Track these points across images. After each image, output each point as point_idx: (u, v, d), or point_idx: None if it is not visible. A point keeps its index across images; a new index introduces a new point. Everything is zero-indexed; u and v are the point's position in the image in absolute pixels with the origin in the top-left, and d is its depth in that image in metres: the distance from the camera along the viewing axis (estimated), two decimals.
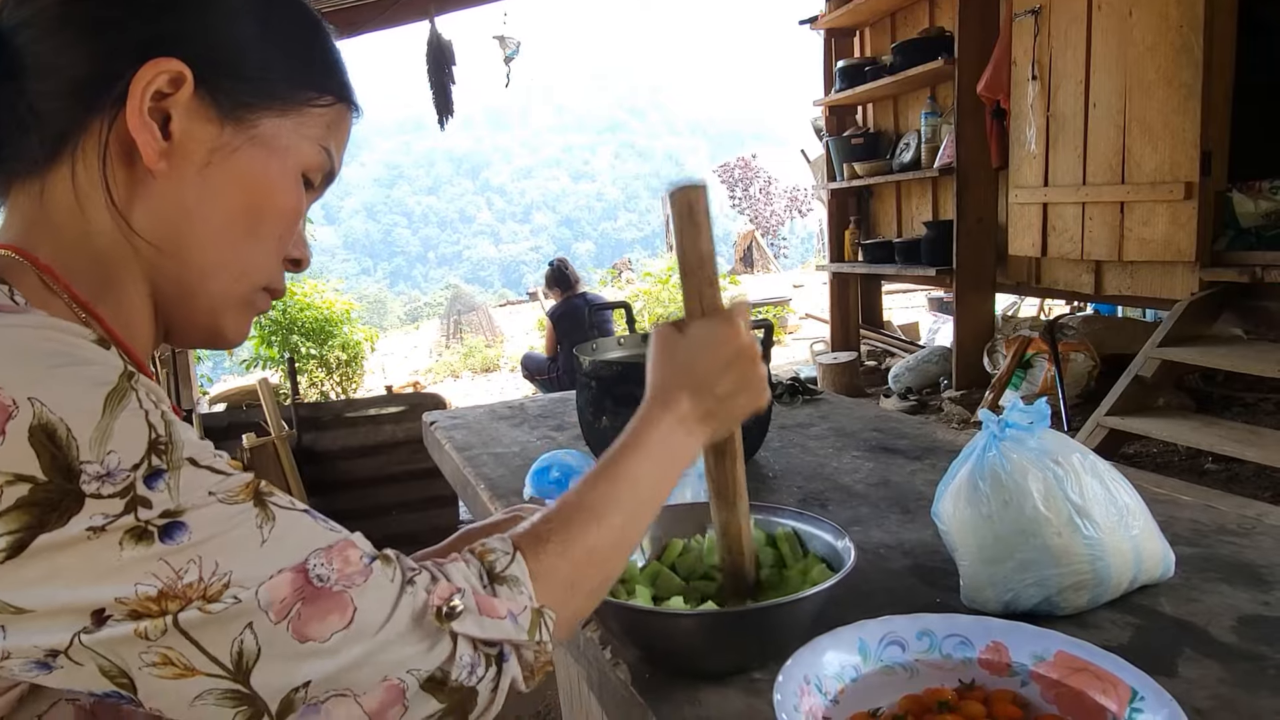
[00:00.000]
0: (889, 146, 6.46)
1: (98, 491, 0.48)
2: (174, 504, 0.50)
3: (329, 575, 0.53)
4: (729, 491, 0.84)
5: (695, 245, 0.79)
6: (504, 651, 0.58)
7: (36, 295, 0.60)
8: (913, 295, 11.19)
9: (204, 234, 0.64)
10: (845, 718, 0.68)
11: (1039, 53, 4.60)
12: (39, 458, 0.47)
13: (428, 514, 3.65)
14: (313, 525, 0.55)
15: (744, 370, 0.79)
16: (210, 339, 0.71)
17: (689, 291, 0.81)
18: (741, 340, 0.80)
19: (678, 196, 0.79)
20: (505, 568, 0.61)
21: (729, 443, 0.83)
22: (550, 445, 1.63)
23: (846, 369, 6.25)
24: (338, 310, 8.01)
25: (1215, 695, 0.73)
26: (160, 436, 0.51)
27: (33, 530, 0.47)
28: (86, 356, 0.52)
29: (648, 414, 0.76)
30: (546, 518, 0.67)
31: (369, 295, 38.85)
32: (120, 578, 0.48)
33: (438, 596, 0.56)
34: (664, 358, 0.80)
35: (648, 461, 0.73)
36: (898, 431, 1.61)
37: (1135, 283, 4.49)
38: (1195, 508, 1.14)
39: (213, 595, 0.49)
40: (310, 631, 0.51)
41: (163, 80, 0.60)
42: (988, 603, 0.89)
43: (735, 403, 0.80)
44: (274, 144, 0.66)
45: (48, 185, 0.62)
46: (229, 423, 3.63)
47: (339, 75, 0.71)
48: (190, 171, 0.63)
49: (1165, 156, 4.01)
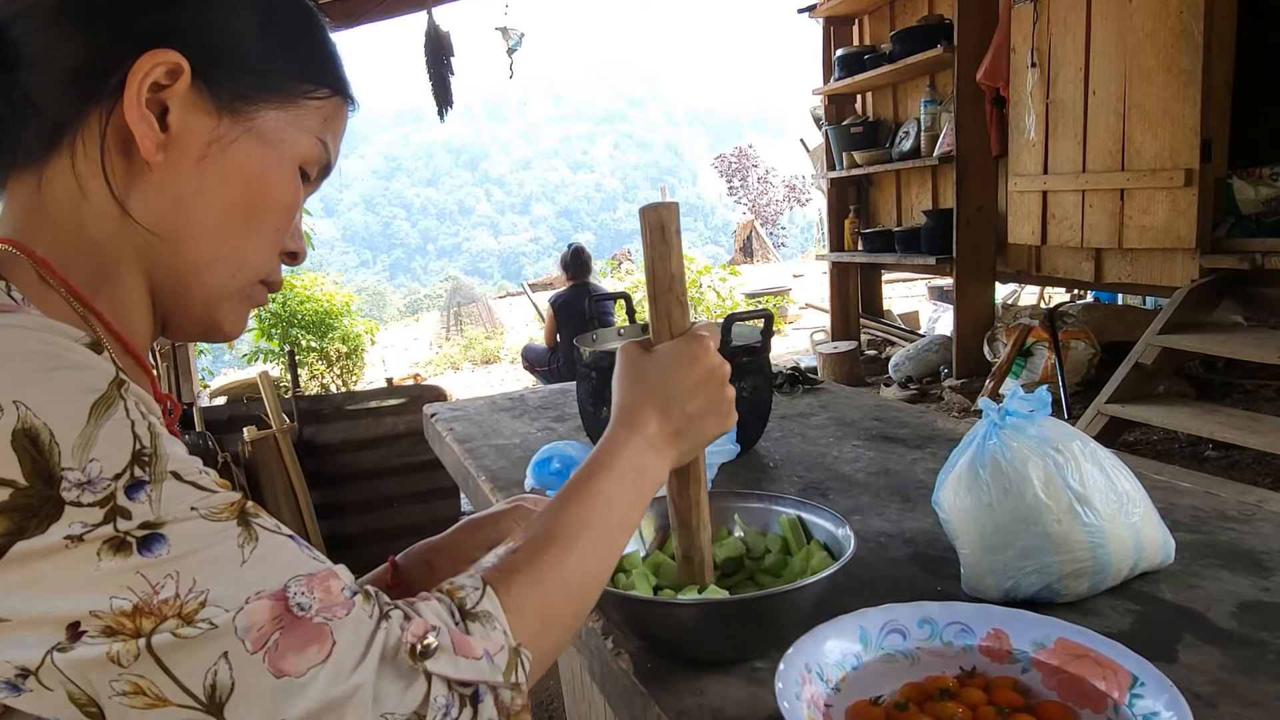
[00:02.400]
0: (888, 135, 6.45)
1: (78, 499, 0.47)
2: (154, 516, 0.49)
3: (310, 604, 0.51)
4: (692, 519, 0.84)
5: (665, 265, 0.79)
6: (479, 692, 0.55)
7: (33, 290, 0.59)
8: (913, 284, 11.18)
9: (201, 225, 0.64)
10: (847, 705, 0.68)
11: (1038, 39, 4.59)
12: (21, 462, 0.46)
13: (429, 506, 3.66)
14: (296, 551, 0.54)
15: (713, 391, 0.78)
16: (207, 331, 0.70)
17: (658, 312, 0.80)
18: (711, 360, 0.79)
19: (650, 215, 0.79)
20: (476, 603, 0.58)
21: (692, 468, 0.83)
22: (551, 436, 1.64)
23: (847, 358, 6.25)
24: (338, 303, 8.00)
25: (1215, 681, 0.73)
26: (145, 448, 0.50)
27: (12, 536, 0.46)
28: (77, 361, 0.51)
29: (615, 435, 0.74)
30: (515, 548, 0.64)
31: (368, 287, 38.86)
32: (96, 589, 0.47)
33: (411, 634, 0.53)
34: (631, 377, 0.79)
35: (618, 484, 0.71)
36: (898, 420, 1.61)
37: (1135, 270, 4.49)
38: (1195, 494, 1.15)
39: (189, 614, 0.48)
40: (286, 665, 0.49)
41: (160, 72, 0.60)
42: (988, 590, 0.89)
43: (703, 423, 0.79)
44: (271, 136, 0.65)
45: (46, 176, 0.62)
46: (230, 416, 3.63)
47: (335, 68, 0.70)
48: (187, 163, 0.62)
49: (1165, 143, 4.00)
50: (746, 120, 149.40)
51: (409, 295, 40.19)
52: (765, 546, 0.92)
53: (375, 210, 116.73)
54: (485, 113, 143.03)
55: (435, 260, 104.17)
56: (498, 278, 70.97)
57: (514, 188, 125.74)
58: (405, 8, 5.16)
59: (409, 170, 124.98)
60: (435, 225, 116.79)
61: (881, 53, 6.00)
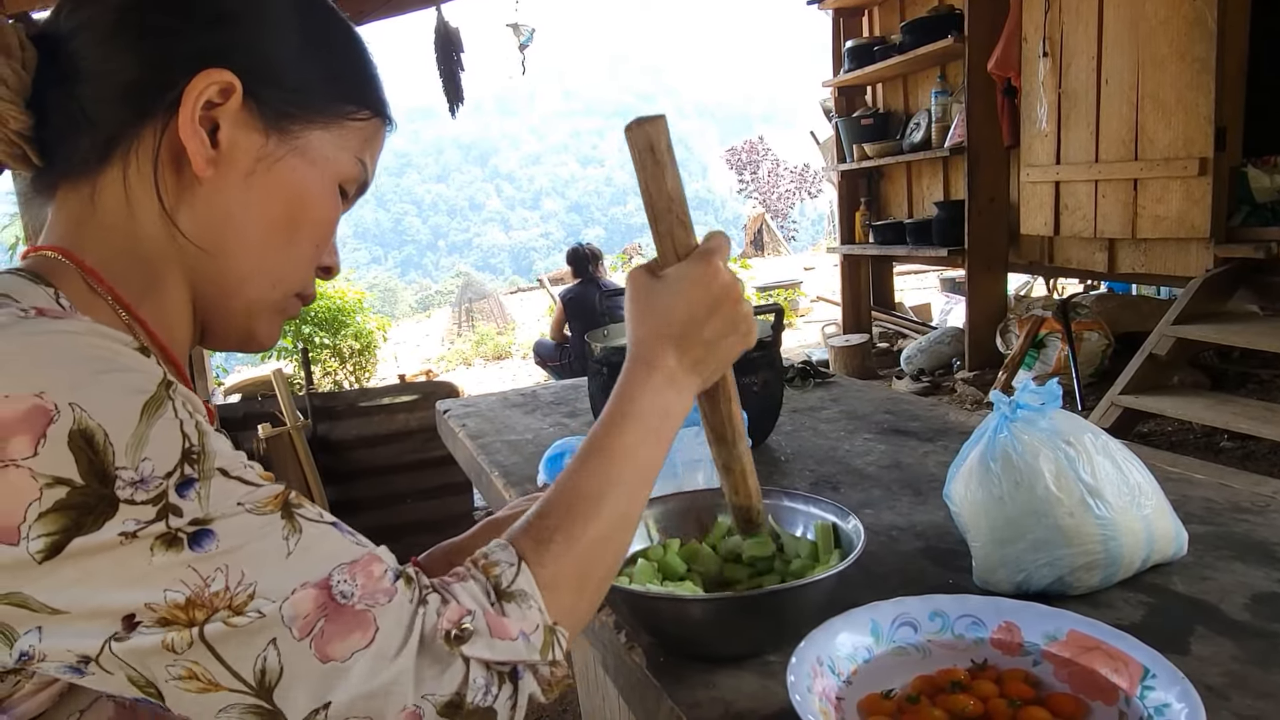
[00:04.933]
0: (899, 127, 6.41)
1: (131, 497, 0.49)
2: (203, 512, 0.51)
3: (352, 592, 0.53)
4: (727, 433, 0.81)
5: (660, 184, 0.73)
6: (518, 670, 0.57)
7: (81, 298, 0.62)
8: (924, 276, 11.13)
9: (245, 239, 0.66)
10: (858, 698, 0.69)
11: (1050, 29, 4.55)
12: (77, 462, 0.48)
13: (442, 501, 3.67)
14: (339, 539, 0.55)
15: (728, 311, 0.74)
16: (244, 341, 0.73)
17: (660, 234, 0.75)
18: (722, 278, 0.74)
19: (636, 133, 0.72)
20: (512, 582, 0.59)
21: (721, 385, 0.79)
22: (563, 432, 1.64)
23: (858, 351, 6.23)
24: (350, 300, 8.04)
25: (1228, 672, 0.73)
26: (193, 446, 0.52)
27: (69, 533, 0.48)
28: (127, 364, 0.53)
29: (633, 375, 0.72)
30: (544, 512, 0.64)
31: (380, 284, 38.97)
32: (150, 583, 0.49)
33: (447, 620, 0.55)
34: (642, 308, 0.74)
35: (640, 429, 0.69)
36: (909, 414, 1.61)
37: (1149, 260, 4.46)
38: (1208, 486, 1.14)
39: (238, 606, 0.50)
40: (332, 650, 0.51)
41: (213, 90, 0.62)
42: (1000, 583, 0.89)
43: (723, 346, 0.75)
44: (314, 155, 0.68)
45: (97, 187, 0.64)
46: (244, 413, 3.65)
47: (377, 91, 0.73)
48: (235, 179, 0.65)
49: (1179, 132, 3.97)
50: (756, 113, 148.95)
51: (420, 291, 40.31)
52: (797, 550, 0.90)
53: (386, 207, 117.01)
54: (495, 108, 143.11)
55: (446, 256, 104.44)
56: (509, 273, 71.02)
57: (524, 183, 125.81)
58: (415, 4, 5.15)
59: (419, 166, 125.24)
60: (446, 221, 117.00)
61: (891, 44, 5.96)
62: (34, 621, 0.49)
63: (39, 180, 0.67)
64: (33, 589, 0.49)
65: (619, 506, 0.66)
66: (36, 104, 0.63)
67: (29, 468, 0.48)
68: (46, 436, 0.48)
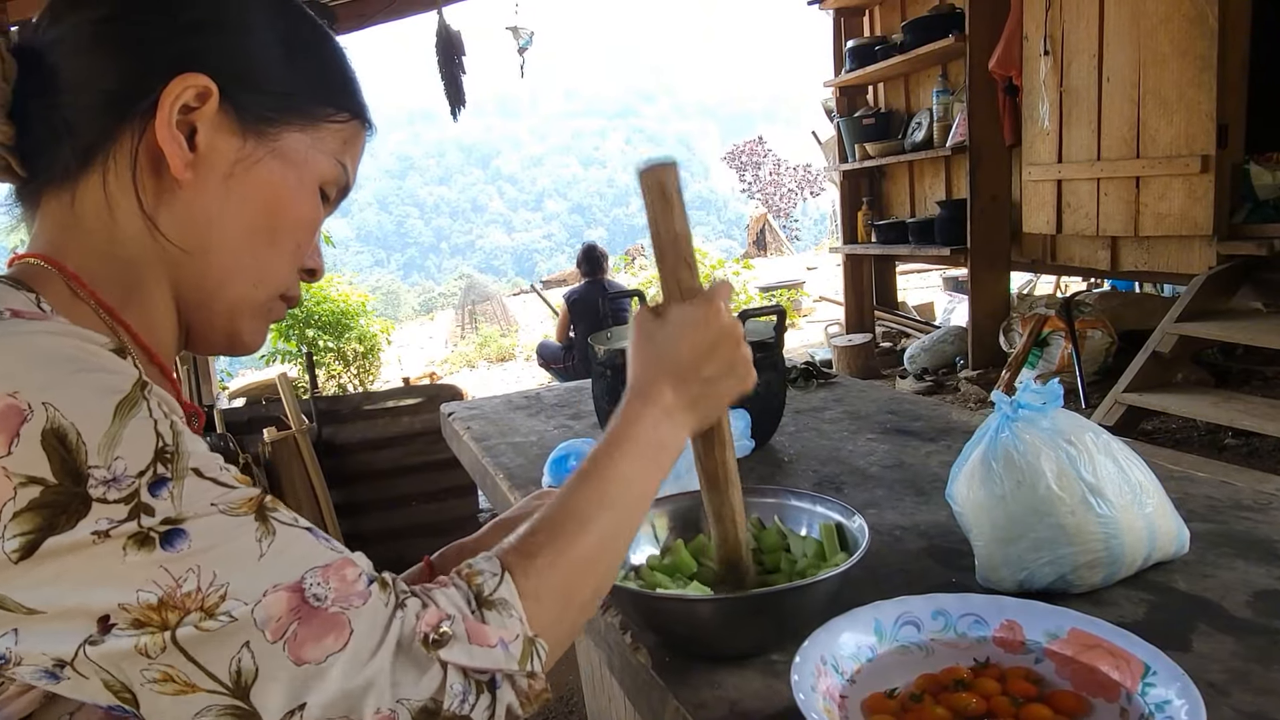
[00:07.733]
0: (900, 126, 6.42)
1: (104, 496, 0.50)
2: (175, 512, 0.51)
3: (326, 594, 0.53)
4: (719, 479, 0.83)
5: (669, 225, 0.77)
6: (495, 679, 0.57)
7: (63, 302, 0.62)
8: (927, 275, 11.12)
9: (225, 241, 0.67)
10: (862, 697, 0.69)
11: (1051, 27, 4.55)
12: (50, 461, 0.49)
13: (446, 504, 3.68)
14: (313, 543, 0.55)
15: (727, 353, 0.77)
16: (229, 343, 0.73)
17: (665, 274, 0.79)
18: (723, 321, 0.77)
19: (648, 176, 0.76)
20: (493, 590, 0.59)
21: (717, 429, 0.81)
22: (567, 434, 1.65)
23: (861, 351, 6.23)
24: (353, 303, 8.04)
25: (1229, 669, 0.73)
26: (167, 445, 0.52)
27: (43, 532, 0.49)
28: (102, 364, 0.53)
29: (630, 408, 0.74)
30: (534, 529, 0.64)
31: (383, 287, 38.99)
32: (123, 583, 0.49)
33: (426, 623, 0.55)
34: (644, 346, 0.77)
35: (636, 459, 0.70)
36: (913, 413, 1.61)
37: (1152, 258, 4.45)
38: (1210, 484, 1.15)
39: (210, 607, 0.50)
40: (306, 654, 0.51)
41: (190, 94, 0.63)
42: (1002, 582, 0.90)
43: (720, 387, 0.77)
44: (293, 157, 0.68)
45: (79, 193, 0.65)
46: (249, 417, 3.66)
47: (354, 93, 0.73)
48: (214, 182, 0.65)
49: (1180, 130, 3.97)
50: (758, 113, 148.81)
51: (423, 294, 40.34)
52: (803, 549, 0.91)
53: (389, 209, 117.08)
54: (496, 110, 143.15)
55: (449, 258, 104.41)
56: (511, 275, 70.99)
57: (526, 184, 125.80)
58: (416, 8, 5.17)
59: (421, 169, 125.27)
60: (448, 223, 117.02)
61: (892, 43, 5.96)
62: (10, 623, 0.50)
63: (23, 190, 0.67)
64: (9, 589, 0.49)
65: (608, 528, 0.67)
66: (18, 115, 0.64)
67: (3, 467, 0.48)
68: (20, 436, 0.48)
